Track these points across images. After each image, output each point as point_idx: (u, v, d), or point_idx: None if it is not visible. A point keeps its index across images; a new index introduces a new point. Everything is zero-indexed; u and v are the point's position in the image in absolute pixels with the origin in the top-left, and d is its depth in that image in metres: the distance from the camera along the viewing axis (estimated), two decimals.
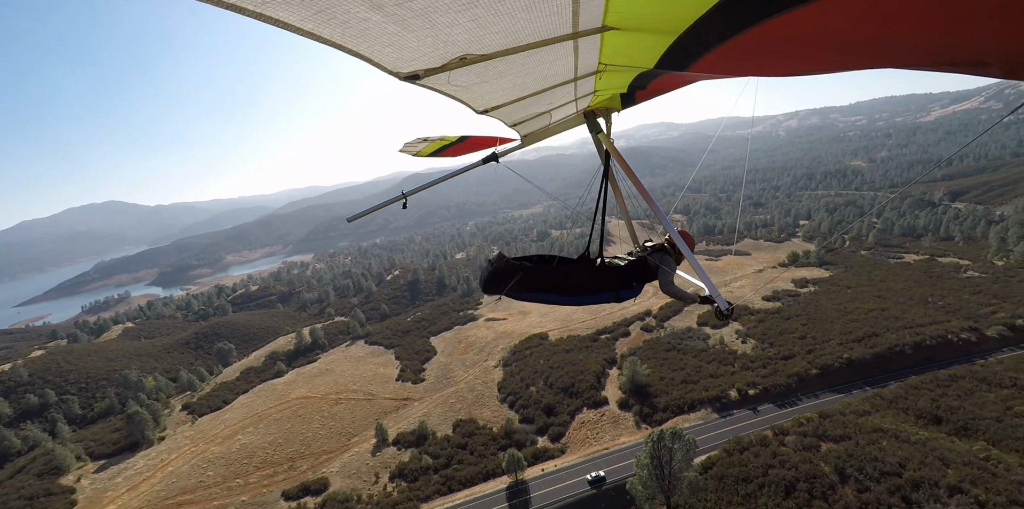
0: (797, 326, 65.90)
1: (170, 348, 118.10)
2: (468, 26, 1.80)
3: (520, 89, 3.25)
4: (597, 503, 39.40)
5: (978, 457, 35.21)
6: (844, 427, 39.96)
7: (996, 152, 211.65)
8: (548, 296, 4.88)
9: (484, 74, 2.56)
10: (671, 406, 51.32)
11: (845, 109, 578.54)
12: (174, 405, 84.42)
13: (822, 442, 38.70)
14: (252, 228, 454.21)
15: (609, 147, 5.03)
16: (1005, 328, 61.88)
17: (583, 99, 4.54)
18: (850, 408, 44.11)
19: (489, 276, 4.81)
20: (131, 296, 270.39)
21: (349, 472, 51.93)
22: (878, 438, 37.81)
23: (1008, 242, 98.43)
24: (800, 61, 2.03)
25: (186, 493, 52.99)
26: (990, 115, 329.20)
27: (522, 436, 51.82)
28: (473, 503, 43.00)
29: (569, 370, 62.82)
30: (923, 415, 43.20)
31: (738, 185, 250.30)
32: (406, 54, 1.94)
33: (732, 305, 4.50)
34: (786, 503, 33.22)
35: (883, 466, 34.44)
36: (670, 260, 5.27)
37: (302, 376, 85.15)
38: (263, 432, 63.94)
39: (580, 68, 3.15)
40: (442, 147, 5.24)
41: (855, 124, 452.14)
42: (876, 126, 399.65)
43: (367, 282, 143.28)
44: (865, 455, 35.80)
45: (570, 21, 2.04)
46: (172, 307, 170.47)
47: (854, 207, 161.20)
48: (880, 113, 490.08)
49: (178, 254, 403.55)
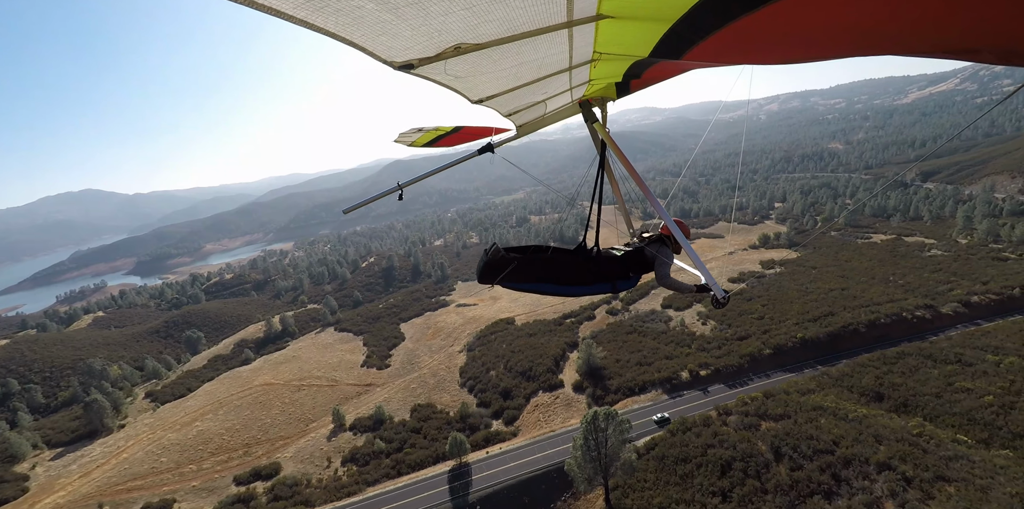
0: (758, 307, 66.35)
1: (139, 337, 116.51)
2: (462, 14, 1.76)
3: (515, 79, 3.21)
4: (538, 484, 39.54)
5: (911, 433, 35.76)
6: (785, 406, 40.42)
7: (969, 133, 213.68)
8: (543, 286, 4.87)
9: (479, 63, 2.52)
10: (623, 388, 51.52)
11: (825, 92, 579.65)
12: (137, 393, 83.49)
13: (763, 421, 39.12)
14: (232, 216, 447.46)
15: (605, 136, 4.98)
16: (960, 305, 62.85)
17: (578, 88, 4.53)
18: (795, 387, 44.62)
19: (484, 267, 4.76)
20: (107, 286, 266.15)
21: (303, 457, 51.73)
22: (817, 416, 38.27)
23: (973, 221, 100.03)
24: (795, 49, 2.01)
25: (137, 479, 52.57)
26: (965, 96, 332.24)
27: (476, 420, 51.91)
28: (415, 486, 43.03)
29: (529, 354, 62.85)
30: (866, 392, 43.93)
31: (717, 168, 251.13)
32: (400, 43, 1.88)
33: (728, 293, 4.47)
34: (720, 482, 33.57)
35: (817, 444, 34.88)
36: (668, 251, 5.25)
37: (269, 363, 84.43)
38: (221, 419, 63.38)
39: (575, 57, 3.14)
40: (437, 137, 5.16)
41: (834, 107, 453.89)
42: (855, 109, 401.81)
43: (342, 269, 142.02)
44: (802, 433, 36.22)
45: (564, 9, 2.01)
46: (145, 296, 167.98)
47: (828, 189, 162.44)
48: (859, 96, 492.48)
49: (157, 243, 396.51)
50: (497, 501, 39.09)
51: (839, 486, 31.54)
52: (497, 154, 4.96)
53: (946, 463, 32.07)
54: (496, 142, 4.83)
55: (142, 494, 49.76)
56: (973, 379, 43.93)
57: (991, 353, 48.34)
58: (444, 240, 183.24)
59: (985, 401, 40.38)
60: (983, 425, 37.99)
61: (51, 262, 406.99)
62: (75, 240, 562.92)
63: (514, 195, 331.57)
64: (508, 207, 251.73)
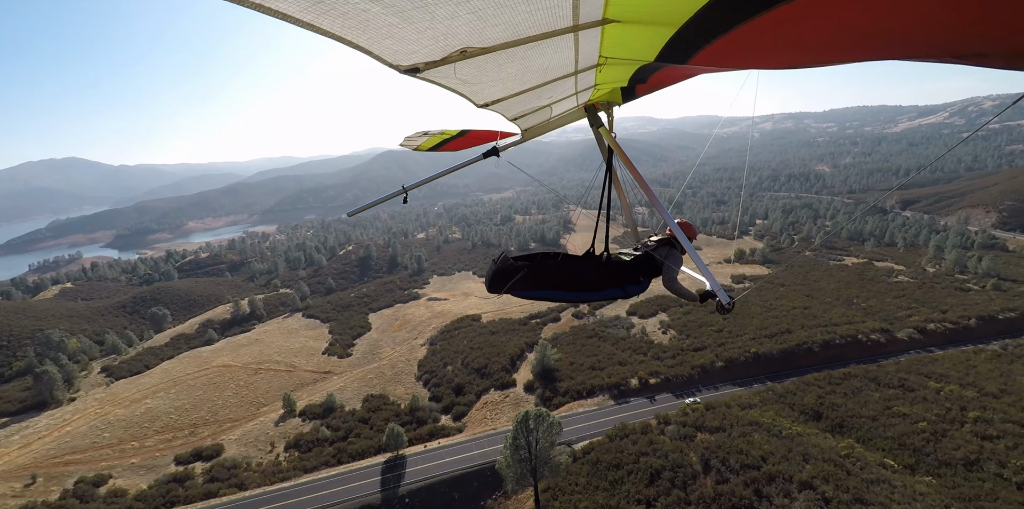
0: (719, 320, 67.07)
1: (105, 311, 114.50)
2: (468, 18, 1.75)
3: (521, 83, 3.21)
4: (471, 481, 39.63)
5: (839, 454, 36.28)
6: (723, 419, 40.84)
7: (952, 166, 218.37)
8: (554, 293, 4.83)
9: (484, 67, 2.51)
10: (571, 391, 51.83)
11: (819, 116, 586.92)
12: (93, 367, 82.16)
13: (699, 432, 39.48)
14: (218, 195, 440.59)
15: (611, 141, 4.93)
16: (915, 331, 64.09)
17: (584, 93, 4.48)
18: (739, 400, 45.17)
19: (493, 276, 4.73)
20: (83, 257, 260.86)
21: (247, 440, 51.33)
22: (751, 431, 38.70)
23: (944, 250, 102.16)
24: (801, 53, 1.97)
25: (76, 452, 51.80)
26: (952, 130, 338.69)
27: (425, 413, 51.90)
28: (349, 475, 42.91)
29: (488, 351, 62.95)
30: (806, 411, 44.48)
31: (705, 182, 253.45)
32: (406, 46, 1.88)
33: (734, 299, 4.44)
34: (647, 491, 33.82)
35: (746, 459, 35.24)
36: (676, 255, 5.23)
37: (231, 345, 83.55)
38: (173, 398, 62.63)
39: (581, 61, 3.12)
40: (442, 141, 5.09)
41: (826, 131, 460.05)
42: (845, 134, 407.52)
43: (318, 255, 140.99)
44: (733, 447, 36.61)
45: (570, 14, 1.99)
46: (117, 270, 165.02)
47: (809, 209, 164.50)
48: (851, 122, 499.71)
49: (138, 217, 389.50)
50: (427, 495, 39.11)
51: (760, 502, 31.85)
52: (503, 158, 5.03)
53: (867, 486, 32.50)
54: (501, 146, 4.87)
55: (78, 468, 48.99)
56: (911, 405, 44.77)
57: (934, 380, 49.40)
58: (427, 233, 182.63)
59: (919, 427, 41.14)
60: (912, 451, 38.62)
61: (27, 229, 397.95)
62: (54, 209, 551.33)
63: (503, 193, 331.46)
64: (495, 205, 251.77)
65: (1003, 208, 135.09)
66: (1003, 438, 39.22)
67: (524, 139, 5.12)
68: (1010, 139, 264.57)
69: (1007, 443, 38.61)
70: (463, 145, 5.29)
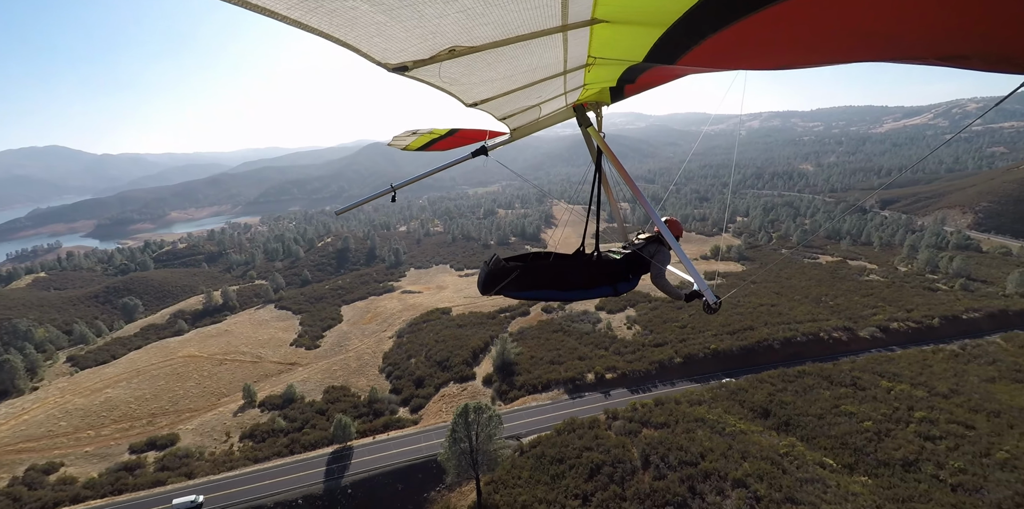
0: (684, 316, 67.53)
1: (76, 301, 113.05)
2: (457, 17, 1.75)
3: (510, 82, 3.21)
4: (415, 473, 39.77)
5: (778, 453, 36.14)
6: (670, 415, 40.85)
7: (933, 166, 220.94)
8: (545, 293, 4.90)
9: (473, 67, 2.51)
10: (527, 385, 52.00)
11: (806, 114, 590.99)
12: (59, 357, 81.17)
13: (644, 428, 39.54)
14: (202, 186, 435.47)
15: (599, 141, 4.93)
16: (878, 329, 64.61)
17: (572, 93, 4.49)
18: (690, 397, 45.22)
19: (486, 278, 4.76)
20: (61, 246, 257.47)
21: (204, 430, 51.11)
22: (695, 428, 38.72)
23: (917, 250, 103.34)
24: (789, 54, 1.98)
25: (31, 441, 51.38)
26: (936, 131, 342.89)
27: (383, 405, 51.97)
28: (297, 465, 42.98)
29: (452, 344, 63.02)
30: (755, 408, 44.38)
31: (690, 178, 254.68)
32: (394, 45, 1.87)
33: (720, 299, 4.39)
34: (586, 485, 33.88)
35: (684, 455, 35.25)
36: (665, 252, 5.26)
37: (199, 336, 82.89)
38: (134, 387, 62.12)
39: (570, 61, 3.12)
40: (431, 141, 5.10)
41: (812, 130, 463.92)
42: (831, 133, 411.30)
43: (296, 247, 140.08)
44: (674, 443, 36.61)
45: (559, 13, 1.99)
46: (93, 260, 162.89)
47: (790, 208, 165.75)
48: (837, 121, 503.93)
49: (120, 207, 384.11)
50: (371, 486, 39.22)
51: (693, 499, 31.92)
52: (492, 158, 5.02)
53: (800, 485, 32.41)
54: (490, 145, 4.86)
55: (31, 456, 48.59)
56: (860, 403, 44.77)
57: (887, 379, 49.45)
58: (407, 227, 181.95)
59: (863, 426, 41.08)
60: (853, 450, 38.54)
61: (6, 219, 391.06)
62: (35, 197, 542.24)
63: (489, 187, 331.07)
64: (480, 198, 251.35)
65: (979, 209, 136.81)
66: (945, 439, 39.23)
67: (513, 138, 5.11)
68: (991, 141, 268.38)
69: (948, 444, 38.62)
70: (452, 144, 5.30)
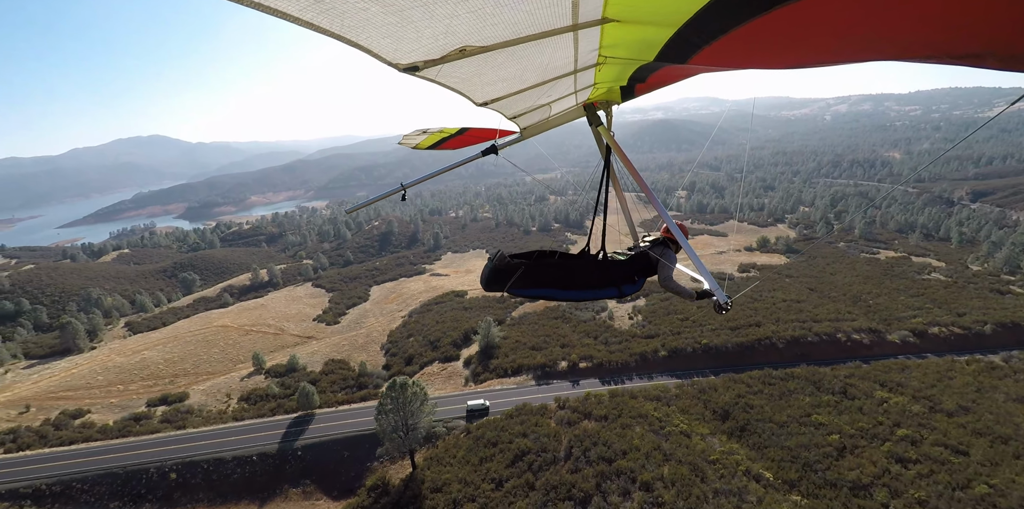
0: (692, 308, 64.25)
1: (148, 274, 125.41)
2: (467, 17, 1.78)
3: (520, 81, 3.24)
4: (363, 443, 41.44)
5: (706, 459, 33.60)
6: (614, 408, 39.36)
7: None
8: (550, 292, 4.87)
9: (484, 66, 2.55)
10: (499, 368, 51.84)
11: (902, 98, 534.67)
12: (119, 322, 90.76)
13: (585, 419, 38.51)
14: (278, 172, 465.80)
15: (609, 140, 4.96)
16: (911, 334, 56.97)
17: (583, 92, 4.51)
18: (650, 392, 43.19)
19: (491, 274, 4.75)
20: (156, 226, 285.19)
21: (211, 391, 55.68)
22: (633, 424, 37.04)
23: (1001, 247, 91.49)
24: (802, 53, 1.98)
25: (70, 390, 58.37)
26: None
27: (368, 380, 54.16)
28: (263, 425, 46.21)
29: (448, 326, 64.11)
30: (716, 410, 41.34)
31: (759, 166, 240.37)
32: (405, 45, 1.92)
33: (731, 299, 4.39)
34: (505, 471, 33.70)
35: (606, 451, 33.95)
36: (671, 254, 5.24)
37: (239, 308, 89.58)
38: (168, 350, 68.49)
39: (580, 61, 3.13)
40: (441, 139, 5.30)
41: (908, 114, 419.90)
42: (930, 117, 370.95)
43: (345, 230, 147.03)
44: (603, 438, 35.41)
45: (570, 13, 2.02)
46: (171, 238, 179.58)
47: (863, 198, 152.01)
48: (939, 105, 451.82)
49: (208, 191, 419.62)
50: (320, 451, 41.36)
51: (597, 496, 30.83)
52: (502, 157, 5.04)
53: (713, 496, 29.94)
54: (500, 144, 4.88)
55: (66, 403, 55.28)
56: (839, 414, 39.95)
57: (886, 389, 43.76)
58: (458, 212, 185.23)
59: (827, 440, 36.48)
60: (802, 465, 34.17)
61: (115, 201, 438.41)
62: (139, 182, 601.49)
63: (549, 174, 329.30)
64: (534, 185, 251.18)
65: None
66: (920, 463, 33.86)
67: (523, 137, 5.05)
68: None
69: (921, 469, 33.29)
70: (462, 143, 5.35)
